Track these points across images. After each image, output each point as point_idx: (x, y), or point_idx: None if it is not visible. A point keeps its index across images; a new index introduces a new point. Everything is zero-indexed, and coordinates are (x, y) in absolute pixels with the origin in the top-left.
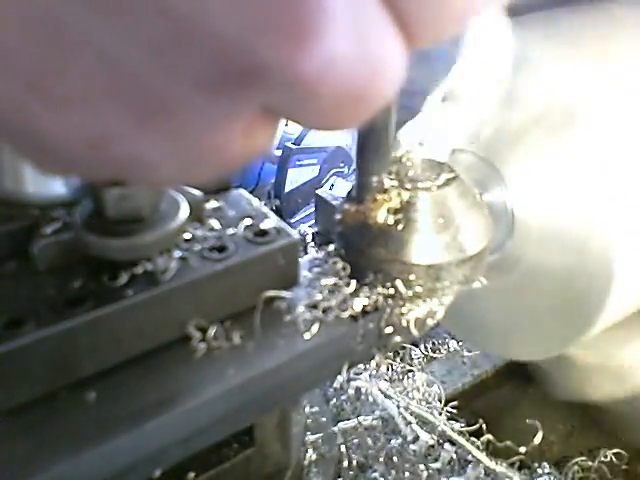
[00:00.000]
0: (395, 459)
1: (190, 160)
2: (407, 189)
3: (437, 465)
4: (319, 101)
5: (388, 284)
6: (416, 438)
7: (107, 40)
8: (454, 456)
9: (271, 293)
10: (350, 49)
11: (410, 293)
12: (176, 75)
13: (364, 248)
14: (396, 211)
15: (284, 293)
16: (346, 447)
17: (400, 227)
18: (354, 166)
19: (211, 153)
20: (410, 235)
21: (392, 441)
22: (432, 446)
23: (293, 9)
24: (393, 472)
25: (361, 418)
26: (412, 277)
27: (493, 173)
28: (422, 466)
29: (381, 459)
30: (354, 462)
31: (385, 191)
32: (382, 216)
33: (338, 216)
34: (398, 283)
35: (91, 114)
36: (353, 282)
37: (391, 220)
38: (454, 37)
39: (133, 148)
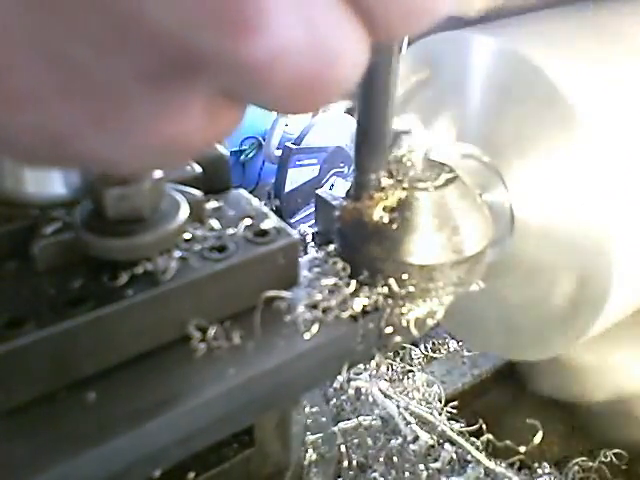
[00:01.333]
0: (395, 459)
1: (153, 149)
2: (404, 188)
3: (437, 465)
4: (272, 88)
5: (382, 282)
6: (416, 438)
7: (51, 38)
8: (454, 456)
9: (271, 293)
10: (300, 39)
11: (403, 292)
12: (121, 70)
13: (359, 245)
14: (392, 210)
15: (284, 293)
16: (346, 447)
17: (395, 226)
18: (353, 165)
19: (175, 140)
20: (405, 234)
21: (392, 441)
22: (432, 446)
23: (232, 2)
24: (393, 472)
25: (361, 418)
26: (405, 276)
27: (493, 173)
28: (422, 466)
29: (381, 459)
30: (354, 462)
31: (382, 189)
32: (378, 214)
33: (336, 213)
34: (391, 282)
35: (45, 113)
36: (353, 282)
37: (386, 219)
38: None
39: (92, 144)
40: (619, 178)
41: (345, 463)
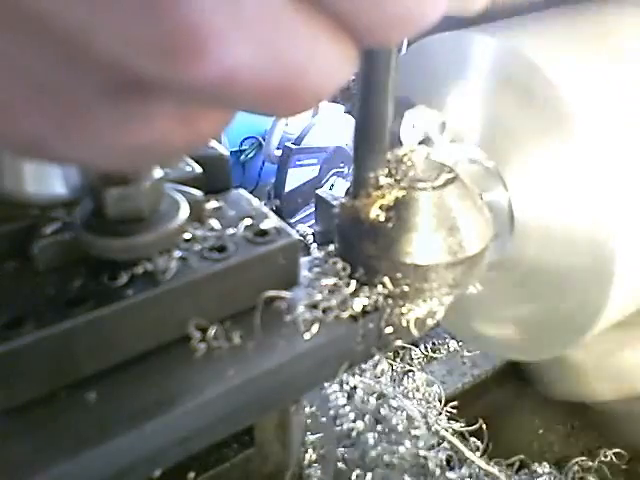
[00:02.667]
0: (395, 459)
1: (127, 153)
2: (402, 188)
3: (436, 463)
4: (238, 99)
5: (377, 281)
6: (416, 438)
7: (15, 53)
8: (453, 454)
9: (271, 293)
10: (253, 56)
11: (398, 291)
12: (82, 86)
13: (355, 243)
14: (389, 208)
15: (284, 293)
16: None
17: (391, 225)
18: (352, 163)
19: (147, 145)
20: (401, 233)
21: (392, 441)
22: (432, 445)
23: (174, 32)
24: (393, 472)
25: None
26: (399, 275)
27: (493, 173)
28: (421, 465)
29: (380, 459)
30: (353, 462)
31: (380, 188)
32: (374, 212)
33: (336, 210)
34: (386, 280)
35: (16, 122)
36: (353, 282)
37: (383, 217)
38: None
39: (64, 150)
40: (619, 178)
41: (345, 463)
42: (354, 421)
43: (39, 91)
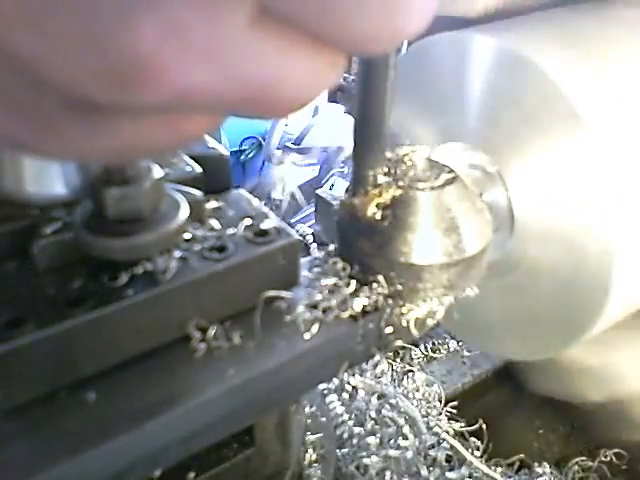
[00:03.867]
0: (394, 459)
1: (112, 153)
2: (400, 186)
3: (436, 462)
4: (204, 109)
5: (371, 278)
6: (416, 438)
7: None
8: (453, 454)
9: (271, 293)
10: (210, 74)
11: (392, 290)
12: (47, 102)
13: (352, 240)
14: (385, 207)
15: (284, 293)
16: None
17: (386, 223)
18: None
19: (134, 146)
20: (396, 232)
21: (392, 441)
22: (432, 445)
23: (122, 61)
24: (393, 472)
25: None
26: (393, 274)
27: (493, 173)
28: (421, 464)
29: (380, 458)
30: (353, 462)
31: (378, 186)
32: (371, 210)
33: (336, 207)
34: (380, 278)
35: None
36: (353, 282)
37: (379, 215)
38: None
39: (49, 153)
40: (619, 178)
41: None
42: (354, 422)
43: (14, 106)
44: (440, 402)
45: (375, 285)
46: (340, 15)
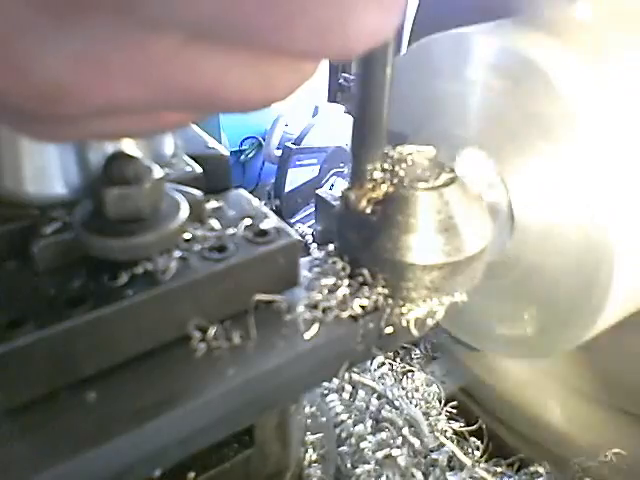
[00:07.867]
0: (394, 459)
1: (97, 138)
2: (393, 183)
3: (435, 463)
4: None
5: (357, 271)
6: (416, 438)
7: None
8: (454, 455)
9: (263, 297)
10: (135, 90)
11: (375, 284)
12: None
13: (344, 232)
14: (377, 202)
15: (278, 297)
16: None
17: (375, 218)
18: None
19: (120, 133)
20: (383, 228)
21: (392, 441)
22: (431, 450)
23: (39, 86)
24: (393, 472)
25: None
26: (377, 269)
27: (493, 173)
28: (421, 465)
29: (380, 458)
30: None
31: (373, 181)
32: (362, 204)
33: (336, 202)
34: (365, 272)
35: None
36: (353, 282)
37: (369, 210)
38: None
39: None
40: (619, 178)
41: (344, 463)
42: (354, 422)
43: None
44: (440, 402)
45: (361, 279)
46: (271, 38)
